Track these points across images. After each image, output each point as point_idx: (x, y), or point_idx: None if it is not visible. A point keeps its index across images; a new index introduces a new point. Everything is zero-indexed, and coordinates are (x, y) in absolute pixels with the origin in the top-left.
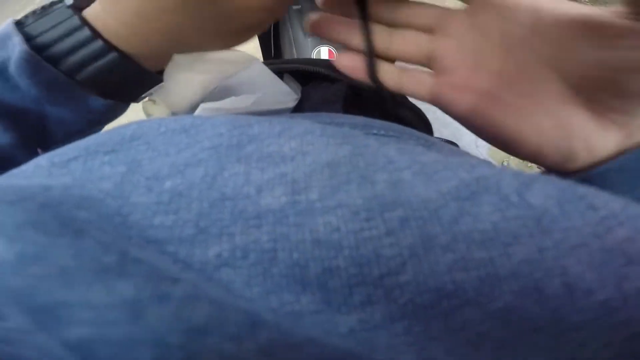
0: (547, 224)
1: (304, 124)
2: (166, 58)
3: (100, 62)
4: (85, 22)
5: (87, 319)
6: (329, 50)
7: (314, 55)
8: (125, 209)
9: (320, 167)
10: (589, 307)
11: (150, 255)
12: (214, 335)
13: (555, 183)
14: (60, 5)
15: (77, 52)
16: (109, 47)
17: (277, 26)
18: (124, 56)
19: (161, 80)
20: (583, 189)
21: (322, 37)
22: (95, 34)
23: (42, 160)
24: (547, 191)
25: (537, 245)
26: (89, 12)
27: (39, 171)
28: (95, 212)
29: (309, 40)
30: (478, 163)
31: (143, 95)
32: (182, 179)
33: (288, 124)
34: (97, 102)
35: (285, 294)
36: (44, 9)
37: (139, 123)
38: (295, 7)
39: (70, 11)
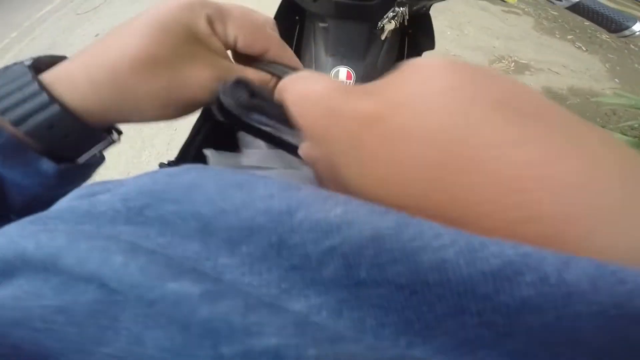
0: (575, 298)
1: None
2: (111, 115)
3: (40, 116)
4: (35, 79)
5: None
6: (347, 72)
7: (332, 75)
8: (217, 269)
9: (366, 241)
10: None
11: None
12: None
13: (592, 261)
14: (17, 64)
15: (19, 106)
16: (51, 99)
17: (300, 41)
18: (65, 110)
19: (105, 138)
20: (615, 266)
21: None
22: (42, 87)
23: (117, 203)
24: (584, 268)
25: (557, 314)
26: (46, 74)
27: (119, 216)
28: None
29: (330, 60)
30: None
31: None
32: (254, 247)
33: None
34: (47, 164)
35: None
36: (4, 68)
37: (198, 171)
38: (322, 24)
39: (25, 69)
